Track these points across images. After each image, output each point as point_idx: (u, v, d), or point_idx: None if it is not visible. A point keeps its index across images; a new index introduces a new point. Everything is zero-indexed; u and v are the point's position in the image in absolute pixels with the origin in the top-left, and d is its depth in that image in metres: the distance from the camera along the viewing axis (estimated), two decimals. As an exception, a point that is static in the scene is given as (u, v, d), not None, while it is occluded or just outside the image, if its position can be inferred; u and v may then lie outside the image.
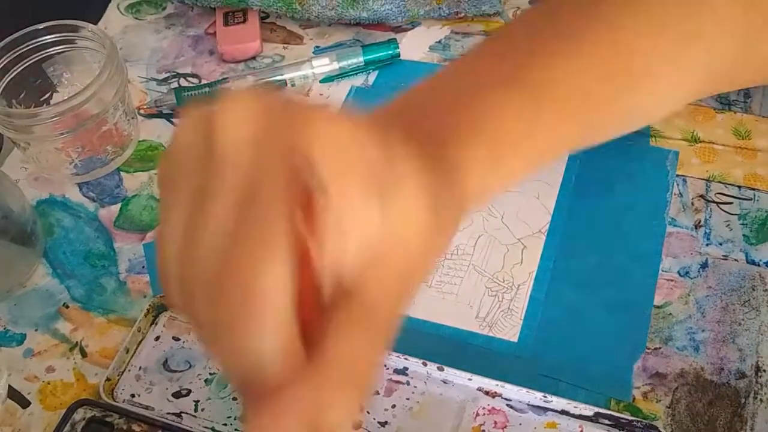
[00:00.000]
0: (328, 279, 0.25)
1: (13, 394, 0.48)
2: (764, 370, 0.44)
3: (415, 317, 0.48)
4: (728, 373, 0.44)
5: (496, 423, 0.44)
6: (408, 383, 0.46)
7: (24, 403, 0.47)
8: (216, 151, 0.25)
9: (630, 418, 0.42)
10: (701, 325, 0.46)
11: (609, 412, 0.42)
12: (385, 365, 0.46)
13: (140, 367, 0.48)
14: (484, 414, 0.44)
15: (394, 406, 0.45)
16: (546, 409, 0.44)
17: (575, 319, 0.47)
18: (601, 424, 0.43)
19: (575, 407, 0.43)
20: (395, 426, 0.44)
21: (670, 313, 0.47)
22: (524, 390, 0.44)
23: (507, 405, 0.44)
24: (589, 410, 0.43)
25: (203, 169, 0.25)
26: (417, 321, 0.48)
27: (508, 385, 0.44)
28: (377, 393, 0.45)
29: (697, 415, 0.43)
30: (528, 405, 0.44)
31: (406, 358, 0.45)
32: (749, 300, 0.47)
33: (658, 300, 0.48)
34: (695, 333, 0.46)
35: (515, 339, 0.47)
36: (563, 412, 0.43)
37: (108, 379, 0.46)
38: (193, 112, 0.26)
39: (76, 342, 0.50)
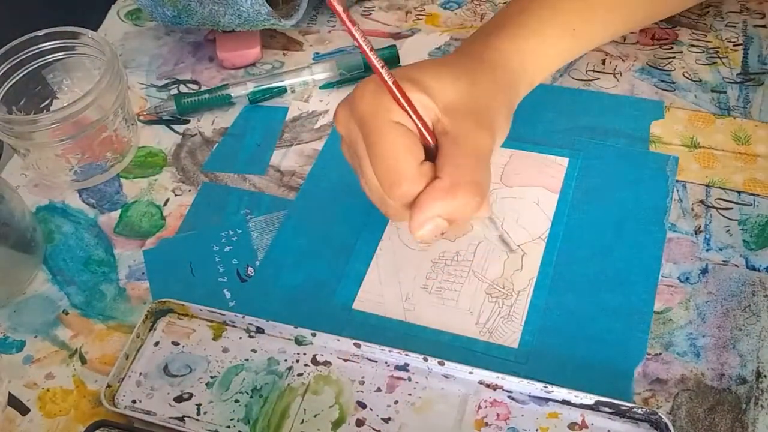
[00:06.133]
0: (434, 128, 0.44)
1: (13, 401, 0.48)
2: (765, 376, 0.44)
3: (415, 324, 0.48)
4: (729, 379, 0.44)
5: (498, 415, 0.44)
6: (410, 379, 0.46)
7: (23, 410, 0.47)
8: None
9: (630, 405, 0.42)
10: (702, 330, 0.46)
11: (610, 399, 0.43)
12: (386, 362, 0.46)
13: (140, 373, 0.48)
14: (486, 407, 0.44)
15: (396, 402, 0.45)
16: (547, 400, 0.44)
17: (575, 325, 0.47)
18: (602, 412, 0.43)
19: (576, 396, 0.43)
20: (399, 422, 0.44)
21: (671, 319, 0.47)
22: (525, 381, 0.44)
23: (508, 397, 0.45)
24: (590, 399, 0.43)
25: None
26: (417, 327, 0.48)
27: (509, 377, 0.44)
28: (379, 390, 0.45)
29: (697, 420, 0.43)
30: (529, 396, 0.44)
31: (407, 354, 0.45)
32: (750, 305, 0.47)
33: (658, 306, 0.48)
34: (696, 339, 0.46)
35: (515, 345, 0.47)
36: (564, 402, 0.44)
37: (109, 386, 0.46)
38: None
39: (76, 349, 0.50)
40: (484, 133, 0.44)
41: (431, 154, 0.44)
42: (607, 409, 0.43)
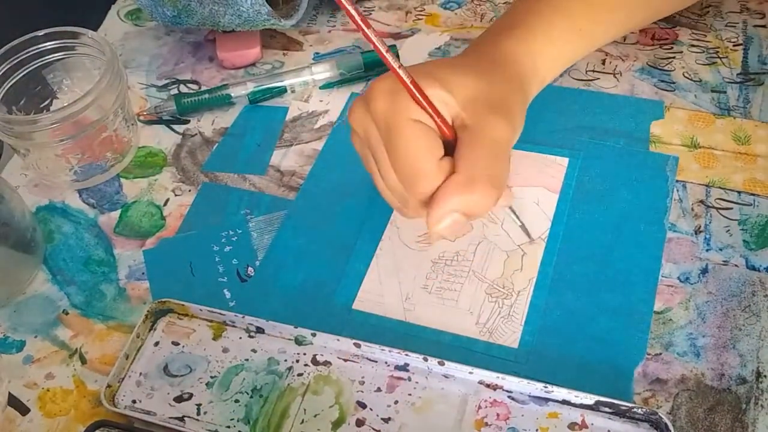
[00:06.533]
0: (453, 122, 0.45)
1: (13, 401, 0.48)
2: (765, 376, 0.44)
3: (415, 324, 0.48)
4: (729, 379, 0.44)
5: (498, 415, 0.44)
6: (410, 379, 0.46)
7: (23, 410, 0.47)
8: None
9: (630, 405, 0.43)
10: (702, 330, 0.46)
11: (610, 399, 0.43)
12: (386, 362, 0.46)
13: (140, 373, 0.48)
14: (486, 407, 0.44)
15: (396, 402, 0.45)
16: (547, 400, 0.44)
17: (575, 325, 0.47)
18: (602, 412, 0.43)
19: (576, 396, 0.43)
20: (399, 422, 0.44)
21: (671, 319, 0.47)
22: (525, 381, 0.44)
23: (508, 397, 0.45)
24: (589, 399, 0.43)
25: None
26: (417, 327, 0.48)
27: (509, 377, 0.44)
28: (379, 390, 0.45)
29: (697, 421, 0.43)
30: (529, 396, 0.44)
31: (407, 354, 0.45)
32: (750, 305, 0.47)
33: (658, 306, 0.48)
34: (696, 339, 0.46)
35: (515, 345, 0.47)
36: (564, 402, 0.44)
37: (109, 386, 0.46)
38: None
39: (76, 349, 0.50)
40: (502, 125, 0.44)
41: (451, 148, 0.44)
42: (607, 409, 0.43)
